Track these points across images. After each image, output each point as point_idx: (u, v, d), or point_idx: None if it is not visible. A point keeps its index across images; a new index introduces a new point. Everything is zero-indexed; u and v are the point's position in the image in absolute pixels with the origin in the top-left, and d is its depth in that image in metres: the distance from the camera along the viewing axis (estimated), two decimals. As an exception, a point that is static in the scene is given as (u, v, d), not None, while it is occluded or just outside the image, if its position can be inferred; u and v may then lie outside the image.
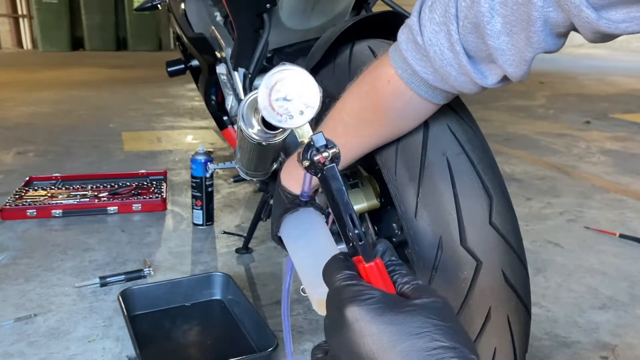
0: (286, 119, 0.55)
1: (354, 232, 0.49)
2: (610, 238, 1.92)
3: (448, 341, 0.40)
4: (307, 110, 0.55)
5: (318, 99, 0.55)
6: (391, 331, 0.40)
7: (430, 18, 0.64)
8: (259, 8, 1.24)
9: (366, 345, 0.41)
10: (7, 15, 7.90)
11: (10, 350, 1.24)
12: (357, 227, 0.50)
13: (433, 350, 0.39)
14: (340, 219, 0.51)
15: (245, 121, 0.98)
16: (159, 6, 2.09)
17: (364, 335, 0.41)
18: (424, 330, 0.40)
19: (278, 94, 0.54)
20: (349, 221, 0.50)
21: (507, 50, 0.59)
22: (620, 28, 0.51)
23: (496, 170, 0.81)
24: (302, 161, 0.52)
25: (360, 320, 0.41)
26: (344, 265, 0.48)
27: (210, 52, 1.57)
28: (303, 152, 0.52)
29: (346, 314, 0.42)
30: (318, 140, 0.51)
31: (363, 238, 0.49)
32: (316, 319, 1.40)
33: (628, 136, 3.49)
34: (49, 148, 2.89)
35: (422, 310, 0.42)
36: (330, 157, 0.51)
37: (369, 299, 0.43)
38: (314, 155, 0.51)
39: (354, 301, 0.43)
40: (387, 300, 0.43)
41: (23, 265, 1.63)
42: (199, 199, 1.91)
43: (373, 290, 0.44)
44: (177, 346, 1.29)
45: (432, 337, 0.40)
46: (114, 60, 6.66)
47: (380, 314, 0.41)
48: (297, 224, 0.65)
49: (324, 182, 0.52)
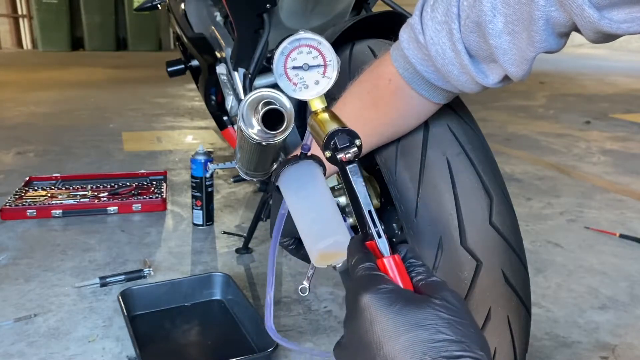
0: (301, 88, 0.54)
1: (373, 229, 0.50)
2: (611, 238, 1.92)
3: (454, 335, 0.40)
4: (322, 80, 0.54)
5: (336, 69, 0.54)
6: (398, 321, 0.41)
7: (432, 17, 0.64)
8: (259, 8, 1.24)
9: (374, 332, 0.42)
10: (7, 15, 7.89)
11: (10, 350, 1.24)
12: (376, 224, 0.50)
13: (437, 343, 0.40)
14: (359, 215, 0.51)
15: (245, 121, 0.98)
16: (159, 6, 2.09)
17: (373, 323, 0.42)
18: (431, 323, 0.41)
19: (294, 62, 0.52)
20: (368, 218, 0.50)
21: (509, 49, 0.59)
22: (622, 28, 0.51)
23: (496, 171, 0.81)
24: (325, 151, 0.52)
25: (372, 308, 0.43)
26: (365, 256, 0.49)
27: (210, 52, 1.57)
28: (325, 143, 0.51)
29: (360, 301, 0.44)
30: (340, 141, 0.51)
31: (382, 234, 0.50)
32: (316, 319, 1.40)
33: (628, 136, 3.49)
34: (49, 148, 2.89)
35: (432, 303, 0.43)
36: (352, 157, 0.51)
37: (382, 289, 0.44)
38: (336, 152, 0.51)
39: (368, 290, 0.44)
40: (399, 292, 0.44)
41: (23, 265, 1.63)
42: (199, 199, 1.91)
43: (387, 282, 0.45)
44: (177, 346, 1.29)
45: (437, 329, 0.41)
46: (114, 60, 6.66)
47: (390, 304, 0.42)
48: (297, 175, 0.64)
49: (344, 177, 0.52)
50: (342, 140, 0.51)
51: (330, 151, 0.51)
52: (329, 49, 0.53)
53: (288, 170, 0.64)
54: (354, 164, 0.51)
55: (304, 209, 0.62)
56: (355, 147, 0.51)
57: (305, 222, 0.61)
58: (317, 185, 0.63)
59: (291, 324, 1.37)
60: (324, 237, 0.56)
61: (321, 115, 0.54)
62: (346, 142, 0.51)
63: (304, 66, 0.53)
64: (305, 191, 0.63)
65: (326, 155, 0.52)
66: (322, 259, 0.58)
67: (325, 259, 0.57)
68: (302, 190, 0.63)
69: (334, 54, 0.53)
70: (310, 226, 0.60)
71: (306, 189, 0.63)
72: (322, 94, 0.55)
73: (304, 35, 0.53)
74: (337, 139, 0.51)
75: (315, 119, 0.55)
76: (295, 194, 0.63)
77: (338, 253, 0.57)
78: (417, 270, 0.49)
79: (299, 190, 0.63)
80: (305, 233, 0.60)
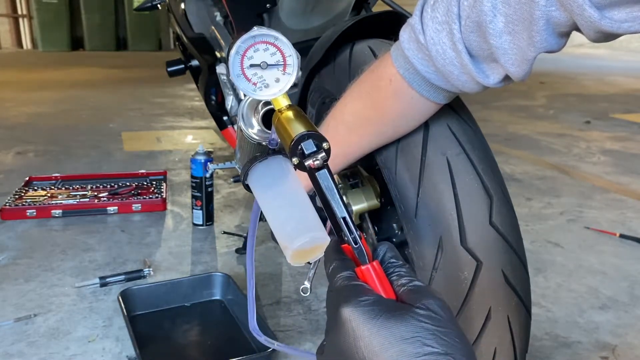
0: (261, 87, 0.51)
1: (349, 236, 0.48)
2: (611, 238, 1.92)
3: (440, 347, 0.40)
4: (283, 77, 0.51)
5: (296, 65, 0.51)
6: (382, 335, 0.40)
7: (433, 17, 0.64)
8: (259, 8, 1.25)
9: (358, 347, 0.41)
10: (7, 15, 7.89)
11: (10, 350, 1.24)
12: (351, 231, 0.48)
13: (423, 356, 0.39)
14: (334, 222, 0.49)
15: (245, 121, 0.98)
16: (159, 6, 2.10)
17: (356, 338, 0.41)
18: (416, 336, 0.40)
19: (251, 60, 0.50)
20: (343, 225, 0.49)
21: (509, 49, 0.59)
22: (623, 27, 0.51)
23: (496, 170, 0.81)
24: (292, 158, 0.49)
25: (353, 322, 0.41)
26: (343, 263, 0.47)
27: (210, 52, 1.57)
28: (292, 149, 0.48)
29: (340, 313, 0.42)
30: (307, 147, 0.48)
31: (358, 241, 0.48)
32: (316, 319, 1.40)
33: (628, 136, 3.49)
34: (49, 148, 2.89)
35: (416, 314, 0.41)
36: (321, 163, 0.48)
37: (364, 300, 0.42)
38: (304, 159, 0.48)
39: (349, 302, 0.42)
40: (381, 303, 0.43)
41: (23, 265, 1.63)
42: (198, 199, 1.91)
43: (369, 292, 0.44)
44: (177, 346, 1.29)
45: (423, 342, 0.40)
46: (114, 60, 6.66)
47: (372, 317, 0.41)
48: (266, 172, 0.61)
49: (315, 185, 0.49)
50: (309, 146, 0.48)
51: (297, 158, 0.48)
52: (286, 44, 0.51)
53: (256, 167, 0.61)
54: (324, 170, 0.49)
55: (276, 207, 0.59)
56: (323, 151, 0.48)
57: (278, 221, 0.58)
58: (287, 181, 0.60)
59: (291, 324, 1.37)
60: (299, 235, 0.54)
61: (285, 113, 0.51)
62: (313, 148, 0.48)
63: (262, 64, 0.50)
64: (276, 188, 0.60)
65: (294, 163, 0.49)
66: (297, 257, 0.55)
67: (301, 256, 0.55)
68: (272, 187, 0.60)
69: (292, 49, 0.51)
70: (283, 224, 0.58)
71: (277, 186, 0.60)
72: (284, 91, 0.52)
73: (258, 32, 0.50)
74: (303, 145, 0.48)
75: (280, 118, 0.51)
76: (265, 192, 0.61)
77: (314, 249, 0.55)
78: (398, 272, 0.47)
79: (270, 187, 0.60)
80: (279, 232, 0.58)
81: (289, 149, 0.48)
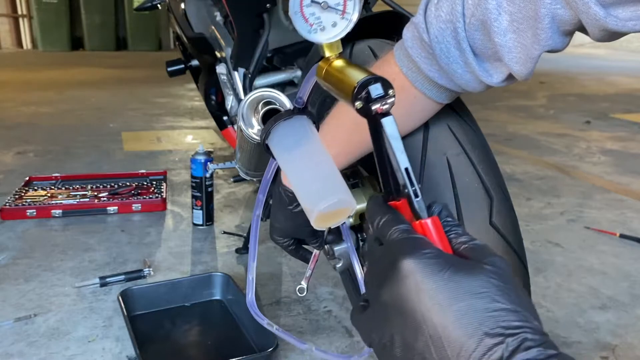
0: (316, 29, 0.49)
1: (410, 188, 0.45)
2: (611, 238, 1.92)
3: (510, 304, 0.38)
4: (341, 22, 0.50)
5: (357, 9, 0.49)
6: (450, 288, 0.38)
7: (437, 16, 0.63)
8: (259, 8, 1.24)
9: (421, 301, 0.39)
10: (7, 15, 7.89)
11: (10, 350, 1.24)
12: (413, 183, 0.45)
13: (494, 312, 0.37)
14: (390, 174, 0.46)
15: (245, 121, 0.98)
16: (159, 6, 2.10)
17: (420, 291, 0.39)
18: (485, 291, 0.38)
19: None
20: (405, 176, 0.45)
21: (514, 47, 0.59)
22: (628, 26, 0.51)
23: (496, 171, 0.80)
24: (354, 102, 0.45)
25: (417, 275, 0.39)
26: (396, 217, 0.45)
27: (210, 52, 1.57)
28: (356, 93, 0.45)
29: (401, 267, 0.40)
30: (374, 91, 0.45)
31: (419, 194, 0.45)
32: (316, 319, 1.40)
33: (628, 136, 3.49)
34: (49, 148, 2.89)
35: (484, 270, 0.40)
36: (389, 107, 0.45)
37: (428, 253, 0.40)
38: (370, 103, 0.45)
39: (412, 255, 0.40)
40: (446, 257, 0.41)
41: (23, 265, 1.63)
42: (199, 199, 1.91)
43: (430, 246, 0.42)
44: (177, 346, 1.29)
45: (492, 297, 0.38)
46: (114, 60, 6.66)
47: (439, 270, 0.39)
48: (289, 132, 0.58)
49: (377, 132, 0.46)
50: (377, 90, 0.45)
51: (361, 102, 0.45)
52: None
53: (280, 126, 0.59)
54: (390, 116, 0.46)
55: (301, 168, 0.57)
56: (392, 97, 0.46)
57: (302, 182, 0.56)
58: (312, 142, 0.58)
59: (291, 324, 1.37)
60: (326, 196, 0.52)
61: (337, 62, 0.49)
62: (381, 92, 0.45)
63: (322, 4, 0.48)
64: (301, 148, 0.58)
65: (356, 107, 0.46)
66: (322, 221, 0.53)
67: (325, 220, 0.53)
68: (296, 147, 0.58)
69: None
70: (308, 185, 0.55)
71: (301, 146, 0.58)
72: (340, 37, 0.50)
73: None
74: (370, 88, 0.45)
75: (331, 67, 0.49)
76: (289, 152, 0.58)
77: (339, 213, 0.54)
78: (455, 230, 0.46)
79: (294, 147, 0.58)
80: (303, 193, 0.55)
81: (351, 93, 0.46)
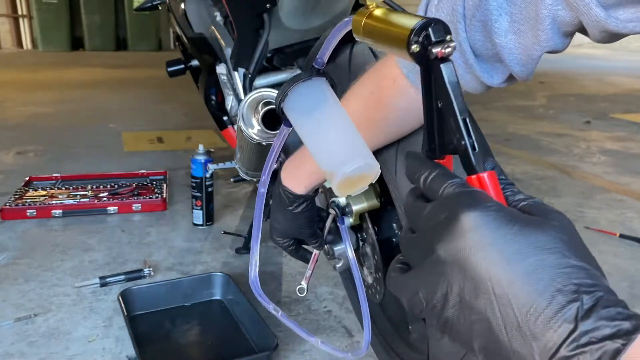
0: None
1: (467, 140, 0.42)
2: (611, 238, 1.92)
3: (580, 261, 0.37)
4: None
5: None
6: (518, 242, 0.37)
7: (437, 16, 0.64)
8: (259, 8, 1.24)
9: (486, 256, 0.37)
10: (7, 15, 7.89)
11: (10, 350, 1.24)
12: (470, 135, 0.43)
13: (565, 269, 0.36)
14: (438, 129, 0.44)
15: (245, 121, 0.98)
16: (159, 6, 2.10)
17: (485, 245, 0.37)
18: (556, 246, 0.37)
19: None
20: (462, 126, 0.42)
21: (515, 48, 0.59)
22: (628, 27, 0.51)
23: (496, 170, 0.80)
24: (411, 45, 0.42)
25: (482, 229, 0.37)
26: (447, 171, 0.43)
27: (210, 52, 1.57)
28: (414, 35, 0.42)
29: (464, 221, 0.38)
30: (436, 33, 0.42)
31: (476, 147, 0.43)
32: (316, 319, 1.40)
33: (628, 136, 3.50)
34: (49, 148, 2.89)
35: (551, 225, 0.38)
36: (451, 51, 0.42)
37: (492, 206, 0.38)
38: (431, 46, 0.42)
39: (475, 208, 0.38)
40: (511, 211, 0.39)
41: (23, 265, 1.63)
42: (199, 199, 1.91)
43: (493, 200, 0.39)
44: (177, 346, 1.29)
45: (563, 254, 0.37)
46: (114, 60, 6.66)
47: (506, 224, 0.37)
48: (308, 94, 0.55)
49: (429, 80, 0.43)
50: (438, 33, 0.42)
51: (418, 45, 0.42)
52: None
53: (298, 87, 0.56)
54: (450, 62, 0.43)
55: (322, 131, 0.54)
56: (453, 42, 0.42)
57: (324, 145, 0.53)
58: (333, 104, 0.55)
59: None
60: (352, 159, 0.49)
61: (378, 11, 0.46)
62: (443, 35, 0.42)
63: None
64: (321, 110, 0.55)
65: (413, 50, 0.42)
66: (344, 186, 0.51)
67: (348, 185, 0.51)
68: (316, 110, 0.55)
69: None
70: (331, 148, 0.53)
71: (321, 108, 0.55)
72: None
73: None
74: (431, 29, 0.42)
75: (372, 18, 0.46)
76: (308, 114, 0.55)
77: (363, 178, 0.51)
78: (511, 189, 0.43)
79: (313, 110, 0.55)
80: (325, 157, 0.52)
81: (406, 37, 0.42)
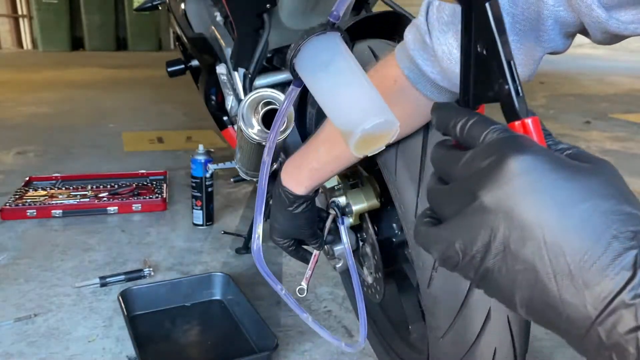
0: None
1: (512, 84, 0.41)
2: (610, 238, 1.92)
3: (634, 208, 0.35)
4: None
5: None
6: (573, 188, 0.35)
7: (439, 17, 0.63)
8: (259, 8, 1.24)
9: (536, 201, 0.35)
10: (7, 15, 7.89)
11: (10, 350, 1.24)
12: (514, 79, 0.40)
13: (620, 215, 0.34)
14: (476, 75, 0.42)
15: (245, 121, 0.98)
16: (159, 6, 2.10)
17: (535, 190, 0.35)
18: (609, 192, 0.35)
19: None
20: (507, 69, 0.40)
21: (516, 49, 0.59)
22: (629, 29, 0.51)
23: (496, 170, 0.80)
24: None
25: (533, 173, 0.35)
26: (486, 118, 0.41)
27: (210, 52, 1.57)
28: None
29: (512, 165, 0.36)
30: None
31: (520, 92, 0.41)
32: (316, 319, 1.40)
33: (628, 136, 3.50)
34: (49, 148, 2.89)
35: (603, 173, 0.37)
36: None
37: (541, 151, 0.36)
38: None
39: (524, 152, 0.36)
40: (560, 157, 0.37)
41: (23, 265, 1.63)
42: (199, 199, 1.91)
43: (540, 145, 0.37)
44: (177, 346, 1.29)
45: (617, 199, 0.35)
46: (114, 60, 6.66)
47: (557, 168, 0.35)
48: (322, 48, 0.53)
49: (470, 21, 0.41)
50: None
51: None
52: None
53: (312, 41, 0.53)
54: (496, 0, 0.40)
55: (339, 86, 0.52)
56: None
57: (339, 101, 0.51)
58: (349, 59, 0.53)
59: (291, 324, 1.37)
60: (372, 115, 0.47)
61: None
62: None
63: None
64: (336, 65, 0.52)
65: None
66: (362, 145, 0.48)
67: (366, 144, 0.48)
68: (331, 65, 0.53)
69: None
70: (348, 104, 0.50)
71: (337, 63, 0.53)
72: None
73: None
74: None
75: None
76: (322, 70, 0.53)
77: (381, 137, 0.49)
78: (552, 139, 0.42)
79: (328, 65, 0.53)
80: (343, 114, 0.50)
81: None
